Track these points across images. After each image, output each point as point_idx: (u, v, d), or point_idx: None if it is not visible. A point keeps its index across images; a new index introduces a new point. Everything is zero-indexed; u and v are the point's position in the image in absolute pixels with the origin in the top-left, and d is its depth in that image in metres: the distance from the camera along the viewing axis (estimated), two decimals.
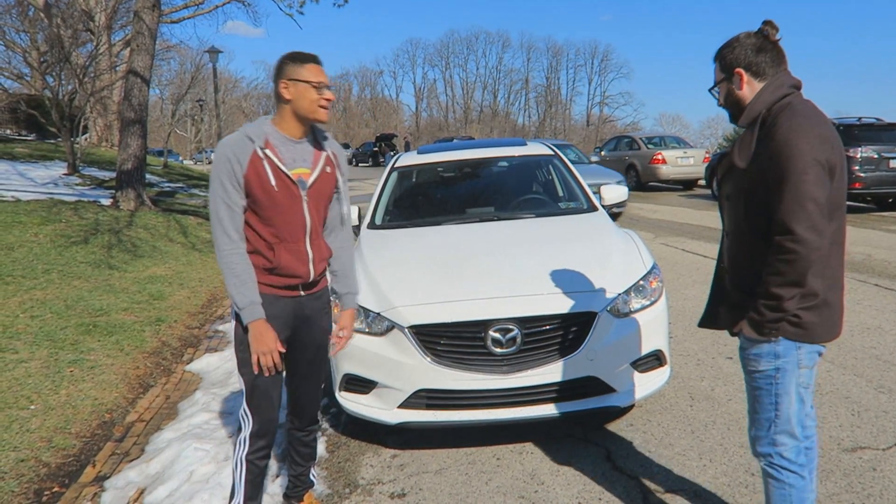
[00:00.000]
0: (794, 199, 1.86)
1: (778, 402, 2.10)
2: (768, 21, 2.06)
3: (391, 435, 3.64)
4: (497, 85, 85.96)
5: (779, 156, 1.89)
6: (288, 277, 2.41)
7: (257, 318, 2.33)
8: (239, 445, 2.50)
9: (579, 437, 3.54)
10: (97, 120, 22.03)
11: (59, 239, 7.95)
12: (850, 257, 7.83)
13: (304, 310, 2.52)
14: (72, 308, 5.75)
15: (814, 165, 1.86)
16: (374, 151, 43.06)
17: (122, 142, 11.09)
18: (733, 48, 2.08)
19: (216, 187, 2.31)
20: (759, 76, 2.06)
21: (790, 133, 1.88)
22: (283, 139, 2.38)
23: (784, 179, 1.87)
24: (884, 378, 4.12)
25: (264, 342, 2.34)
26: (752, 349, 2.10)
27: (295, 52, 2.37)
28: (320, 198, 2.46)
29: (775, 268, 1.92)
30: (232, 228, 2.32)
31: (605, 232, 4.13)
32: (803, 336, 2.04)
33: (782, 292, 1.93)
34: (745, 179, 2.02)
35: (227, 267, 2.33)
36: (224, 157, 2.30)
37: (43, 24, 17.81)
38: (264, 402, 2.46)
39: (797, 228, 1.86)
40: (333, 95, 2.39)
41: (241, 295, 2.32)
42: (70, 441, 3.70)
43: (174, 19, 22.28)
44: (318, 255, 2.49)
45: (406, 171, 5.46)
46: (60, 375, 4.42)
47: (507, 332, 3.17)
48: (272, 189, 2.32)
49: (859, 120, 12.16)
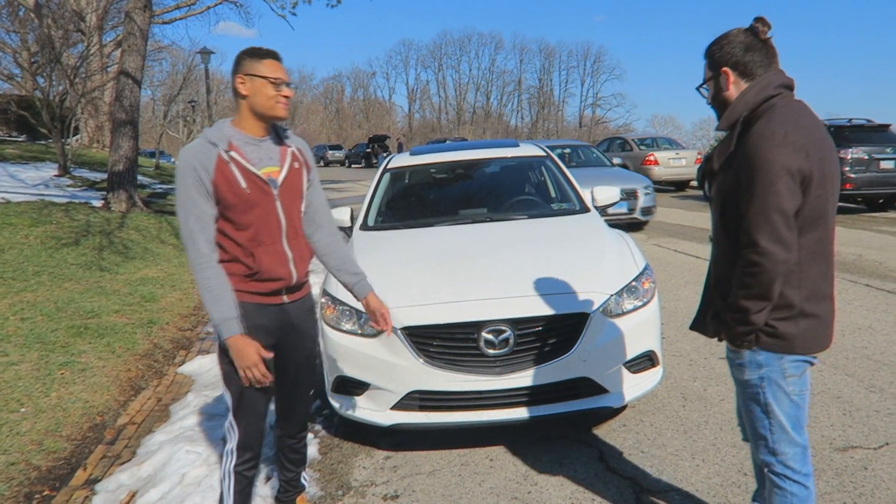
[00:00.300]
0: (760, 210, 1.81)
1: (769, 410, 2.03)
2: (760, 18, 1.98)
3: (384, 436, 3.63)
4: (490, 86, 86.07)
5: (748, 163, 1.83)
6: (270, 282, 2.35)
7: (235, 334, 2.24)
8: (226, 457, 2.45)
9: (572, 438, 3.54)
10: (88, 121, 21.93)
11: (50, 241, 7.90)
12: (841, 258, 7.88)
13: (289, 317, 2.46)
14: (62, 310, 5.71)
15: (783, 175, 1.79)
16: (366, 153, 43.02)
17: (114, 143, 11.04)
18: (722, 45, 2.01)
19: (183, 200, 2.22)
20: (746, 76, 1.98)
21: (761, 139, 1.82)
22: (246, 139, 2.31)
23: (752, 187, 1.82)
24: (875, 377, 4.14)
25: (246, 356, 2.25)
26: (737, 359, 2.06)
27: (253, 47, 2.30)
28: (292, 195, 2.39)
29: (741, 280, 1.89)
30: (203, 241, 2.24)
31: (597, 233, 4.14)
32: (782, 347, 1.97)
33: (749, 305, 1.89)
34: (723, 184, 1.98)
35: (201, 282, 2.24)
36: (189, 167, 2.21)
37: (33, 24, 17.71)
38: (251, 414, 2.41)
39: (761, 240, 1.81)
40: (292, 92, 2.32)
41: (217, 310, 2.23)
42: (61, 444, 3.67)
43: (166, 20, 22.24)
44: (298, 255, 2.43)
45: (399, 173, 5.45)
46: (51, 378, 4.40)
47: (499, 334, 3.17)
48: (243, 191, 2.25)
49: (850, 121, 12.24)
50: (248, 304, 2.32)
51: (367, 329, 3.34)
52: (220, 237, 2.30)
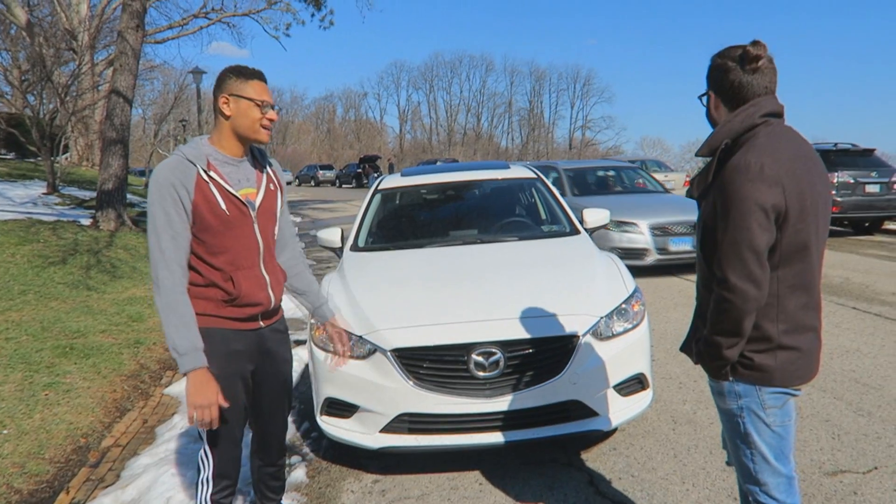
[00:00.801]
0: (732, 245, 1.77)
1: (749, 440, 1.98)
2: (755, 42, 1.89)
3: (373, 460, 3.60)
4: (481, 108, 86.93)
5: (722, 196, 1.79)
6: (248, 307, 2.28)
7: (200, 367, 2.11)
8: (201, 486, 2.36)
9: (562, 461, 3.52)
10: (78, 139, 21.87)
11: (37, 259, 7.83)
12: (828, 280, 7.94)
13: (265, 342, 2.40)
14: (48, 330, 5.65)
15: (755, 211, 1.74)
16: (357, 173, 43.11)
17: (104, 161, 11.01)
18: (715, 65, 1.94)
19: (158, 217, 2.11)
20: (728, 103, 1.92)
21: (735, 173, 1.77)
22: (225, 159, 2.24)
23: (725, 222, 1.78)
24: (863, 401, 4.15)
25: (205, 394, 2.11)
26: (717, 388, 2.02)
27: (239, 65, 2.22)
28: (268, 217, 2.34)
29: (712, 314, 1.86)
30: (175, 262, 2.13)
31: (587, 255, 4.15)
32: (759, 379, 1.91)
33: (720, 340, 1.87)
34: (702, 212, 1.94)
35: (168, 306, 2.10)
36: (167, 184, 2.11)
37: (25, 42, 17.71)
38: (227, 442, 2.34)
39: (731, 277, 1.78)
40: (276, 115, 2.24)
41: (183, 339, 2.09)
42: (43, 466, 3.61)
43: (158, 40, 22.37)
44: (275, 279, 2.37)
45: (390, 194, 5.47)
46: (35, 399, 4.33)
47: (489, 356, 3.16)
48: (223, 213, 2.17)
49: (835, 146, 12.40)
50: (225, 331, 2.26)
51: (357, 351, 3.33)
52: (195, 261, 2.21)
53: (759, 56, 1.86)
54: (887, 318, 6.17)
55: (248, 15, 21.24)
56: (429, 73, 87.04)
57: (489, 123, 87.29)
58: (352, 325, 3.40)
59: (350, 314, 3.47)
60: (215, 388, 2.15)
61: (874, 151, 12.54)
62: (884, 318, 6.14)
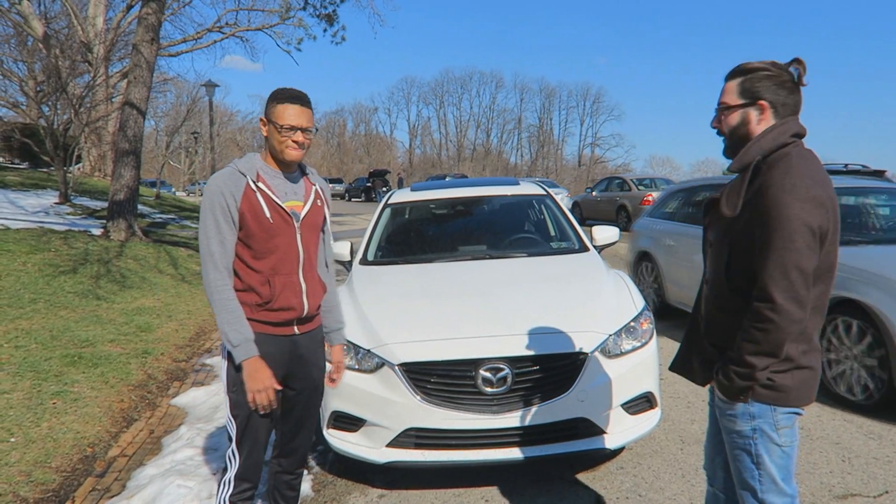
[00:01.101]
0: (779, 266, 1.74)
1: (759, 461, 1.96)
2: (800, 59, 1.88)
3: (379, 474, 3.58)
4: (490, 124, 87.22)
5: (768, 216, 1.75)
6: (282, 311, 2.39)
7: (252, 356, 2.28)
8: (223, 486, 2.44)
9: (569, 479, 3.50)
10: (91, 150, 22.07)
11: (48, 268, 7.89)
12: None
13: (298, 349, 2.49)
14: (57, 339, 5.68)
15: (804, 233, 1.73)
16: (367, 187, 43.27)
17: (116, 172, 11.10)
18: (763, 76, 1.88)
19: (209, 223, 2.30)
20: (778, 117, 1.89)
21: (783, 194, 1.74)
22: (273, 173, 2.40)
23: (770, 242, 1.75)
24: (873, 424, 4.11)
25: (260, 380, 2.28)
26: (728, 409, 1.99)
27: (279, 89, 2.36)
28: (312, 230, 2.47)
29: (751, 335, 1.81)
30: (223, 264, 2.30)
31: (596, 272, 4.15)
32: (777, 399, 1.92)
33: (756, 361, 1.83)
34: (731, 230, 1.90)
35: (220, 303, 2.29)
36: (217, 192, 2.29)
37: (41, 54, 17.95)
38: (254, 445, 2.42)
39: (778, 297, 1.75)
40: (303, 137, 2.33)
41: (236, 332, 2.28)
42: (50, 475, 3.61)
43: (172, 53, 22.60)
44: (312, 289, 2.48)
45: (399, 208, 5.49)
46: (43, 407, 4.35)
47: (497, 372, 3.15)
48: (267, 221, 2.32)
49: (846, 166, 12.37)
50: (259, 334, 2.36)
51: (365, 364, 3.33)
52: (238, 265, 2.36)
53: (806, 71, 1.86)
54: None
55: (262, 30, 21.44)
56: (439, 89, 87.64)
57: (499, 139, 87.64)
58: (360, 339, 3.40)
59: (358, 328, 3.48)
60: (268, 373, 2.31)
61: (885, 173, 12.50)
62: None
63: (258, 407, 2.31)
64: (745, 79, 1.91)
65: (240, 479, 2.42)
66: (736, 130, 1.94)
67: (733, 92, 1.93)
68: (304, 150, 2.37)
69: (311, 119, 2.36)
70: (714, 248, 2.01)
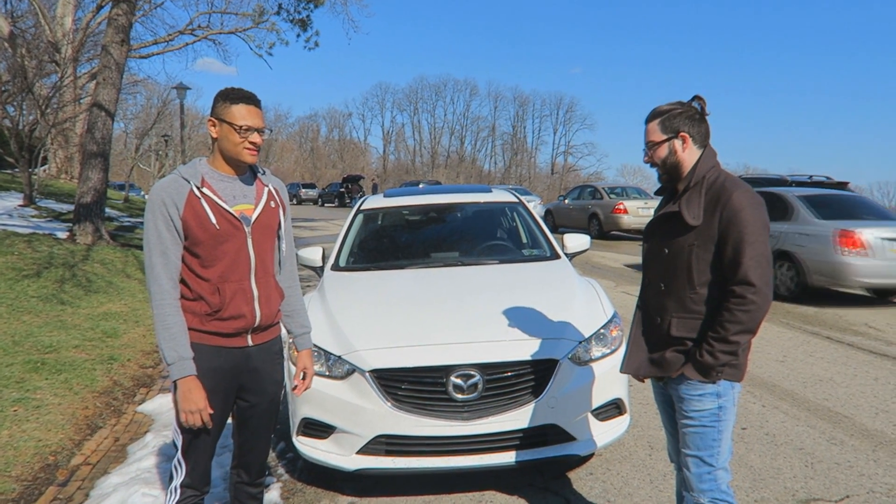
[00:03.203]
0: (754, 258, 2.10)
1: (721, 437, 2.26)
2: (699, 97, 2.29)
3: (349, 481, 3.56)
4: (464, 131, 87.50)
5: (737, 221, 2.12)
6: (233, 320, 2.31)
7: (187, 375, 2.22)
8: (170, 494, 2.41)
9: (539, 485, 3.51)
10: (58, 151, 21.65)
11: (10, 272, 7.70)
12: (802, 310, 8.05)
13: (251, 361, 2.41)
14: (20, 344, 5.54)
15: (766, 230, 2.16)
16: (340, 192, 43.08)
17: (83, 174, 10.91)
18: (676, 113, 2.26)
19: (150, 234, 2.22)
20: (696, 143, 2.27)
21: (746, 201, 2.14)
22: (220, 177, 2.31)
23: (743, 240, 2.11)
24: (836, 430, 4.20)
25: (193, 401, 2.23)
26: (695, 391, 2.25)
27: (228, 89, 2.29)
28: (265, 234, 2.39)
29: (735, 317, 2.11)
30: (165, 277, 2.23)
31: (567, 280, 4.18)
32: (735, 376, 2.24)
33: (739, 339, 2.13)
34: (693, 236, 2.21)
35: (159, 318, 2.22)
36: (159, 202, 2.21)
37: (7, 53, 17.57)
38: (201, 454, 2.38)
39: (757, 281, 2.09)
40: (260, 139, 2.29)
41: (171, 350, 2.21)
42: (9, 485, 3.52)
43: (143, 55, 22.31)
44: (265, 296, 2.39)
45: (372, 214, 5.48)
46: (3, 415, 4.23)
47: (468, 379, 3.16)
48: (213, 227, 2.24)
49: (810, 178, 12.65)
50: (210, 347, 2.30)
51: (335, 371, 3.31)
52: (186, 274, 2.28)
53: (706, 104, 2.31)
54: (860, 348, 6.27)
55: (234, 33, 21.29)
56: (413, 96, 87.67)
57: (472, 147, 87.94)
58: (330, 345, 3.38)
59: (329, 334, 3.46)
60: (202, 394, 2.25)
61: (847, 184, 12.81)
62: (856, 349, 6.24)
63: (192, 427, 2.26)
64: (663, 118, 2.27)
65: (186, 486, 2.39)
66: (667, 160, 2.30)
67: (657, 130, 2.29)
68: (258, 151, 2.32)
69: (263, 119, 2.32)
70: (672, 255, 2.28)
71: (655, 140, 2.29)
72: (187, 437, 2.34)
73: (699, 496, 2.27)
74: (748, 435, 4.15)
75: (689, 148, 2.26)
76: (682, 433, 2.31)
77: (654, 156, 2.31)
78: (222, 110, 2.26)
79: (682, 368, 2.25)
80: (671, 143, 2.27)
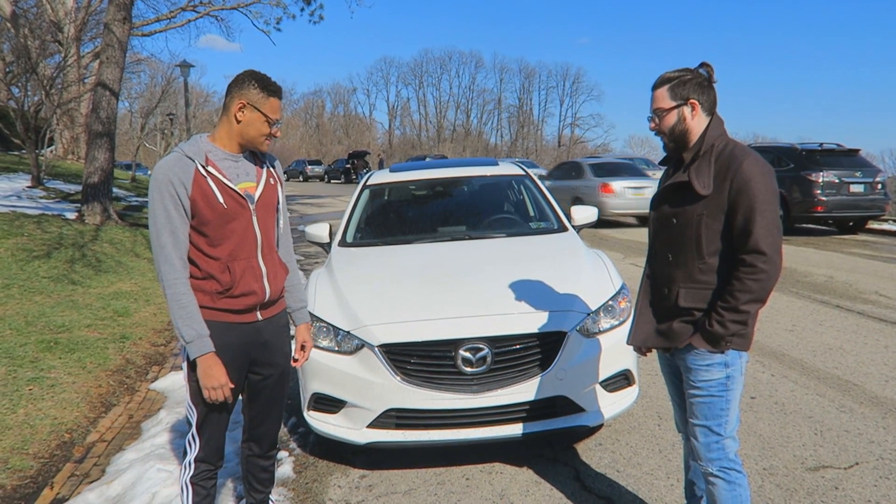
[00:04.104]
0: (765, 226, 2.08)
1: (729, 407, 2.26)
2: (707, 63, 2.25)
3: (360, 455, 3.60)
4: (470, 104, 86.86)
5: (748, 189, 2.09)
6: (244, 297, 2.34)
7: (206, 352, 2.25)
8: (184, 469, 2.45)
9: (548, 456, 3.54)
10: (64, 132, 21.67)
11: (21, 253, 7.76)
12: (812, 279, 8.02)
13: (262, 335, 2.45)
14: (32, 324, 5.60)
15: (776, 198, 2.13)
16: (346, 168, 43.01)
17: (89, 155, 10.92)
18: (686, 80, 2.21)
19: (159, 214, 2.21)
20: (705, 111, 2.23)
21: (756, 170, 2.11)
22: (223, 155, 2.32)
23: (754, 209, 2.09)
24: (845, 398, 4.21)
25: (214, 377, 2.26)
26: (703, 360, 2.24)
27: (264, 78, 2.30)
28: (268, 211, 2.42)
29: (746, 286, 2.10)
30: (175, 256, 2.23)
31: (575, 252, 4.17)
32: (746, 345, 2.23)
33: (750, 308, 2.12)
34: (703, 205, 2.18)
35: (173, 298, 2.22)
36: (166, 181, 2.20)
37: (9, 33, 17.51)
38: (215, 430, 2.43)
39: (768, 250, 2.08)
40: (279, 132, 2.36)
41: (189, 327, 2.23)
42: (27, 462, 3.58)
43: (145, 32, 22.17)
44: (273, 272, 2.43)
45: (378, 189, 5.46)
46: (19, 394, 4.30)
47: (477, 352, 3.17)
48: (220, 206, 2.25)
49: (821, 145, 12.51)
50: (221, 324, 2.32)
51: (344, 346, 3.33)
52: (194, 253, 2.29)
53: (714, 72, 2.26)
54: (870, 316, 6.25)
55: (237, 9, 21.06)
56: (418, 70, 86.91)
57: (478, 120, 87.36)
58: (339, 321, 3.40)
59: (338, 309, 3.47)
60: (222, 370, 2.29)
61: (859, 151, 12.67)
62: (866, 317, 6.22)
63: (215, 402, 2.31)
64: (672, 85, 2.22)
65: (200, 461, 2.43)
66: (675, 128, 2.25)
67: (666, 97, 2.23)
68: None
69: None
70: (680, 225, 2.24)
71: (664, 107, 2.24)
72: (201, 412, 2.37)
73: (707, 465, 2.28)
74: (757, 404, 4.16)
75: (697, 116, 2.22)
76: (690, 403, 2.31)
77: (662, 124, 2.25)
78: (259, 99, 2.26)
79: (691, 338, 2.23)
80: (680, 110, 2.22)
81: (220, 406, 2.36)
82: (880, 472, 3.24)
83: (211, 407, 2.35)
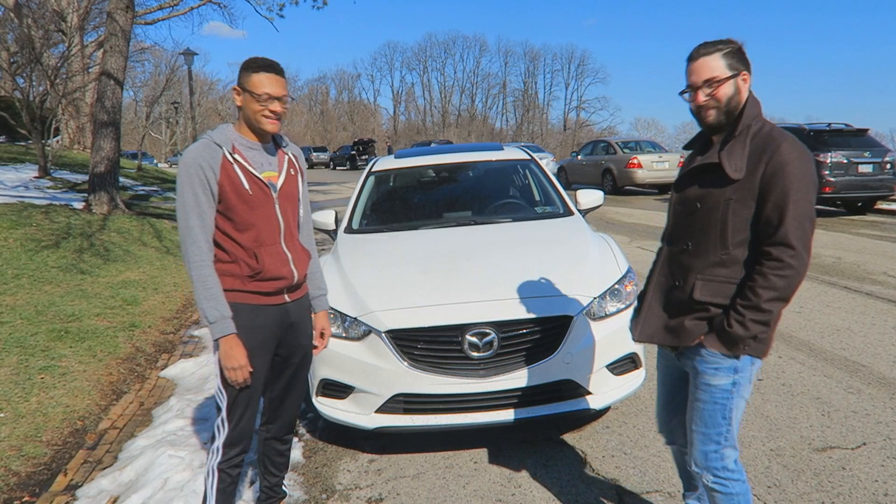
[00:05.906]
0: (797, 219, 1.89)
1: (731, 416, 2.09)
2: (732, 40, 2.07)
3: (368, 440, 3.63)
4: (475, 89, 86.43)
5: (783, 174, 1.91)
6: (273, 281, 2.40)
7: (228, 333, 2.29)
8: (212, 454, 2.48)
9: (556, 440, 3.56)
10: (69, 122, 21.68)
11: (30, 243, 7.80)
12: (820, 260, 7.98)
13: (289, 316, 2.51)
14: (42, 314, 5.65)
15: (814, 187, 1.94)
16: (351, 155, 42.95)
17: (95, 144, 10.93)
18: (735, 49, 2.01)
19: (187, 197, 2.26)
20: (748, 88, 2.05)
21: (795, 154, 1.92)
22: (247, 144, 2.38)
23: (788, 196, 1.90)
24: (853, 379, 4.20)
25: (235, 358, 2.30)
26: (711, 364, 2.06)
27: (253, 58, 2.34)
28: (289, 200, 2.47)
29: (770, 282, 1.91)
30: (203, 239, 2.29)
31: (580, 236, 4.16)
32: (762, 352, 2.05)
33: (773, 307, 1.93)
34: (731, 190, 1.99)
35: (199, 279, 2.28)
36: (195, 165, 2.26)
37: (13, 24, 17.48)
38: (243, 414, 2.45)
39: (797, 245, 1.90)
40: (280, 107, 2.32)
41: (213, 309, 2.28)
42: (41, 449, 3.63)
43: (148, 20, 22.06)
44: (297, 257, 2.49)
45: (383, 176, 5.46)
46: (31, 382, 4.35)
47: (483, 337, 3.18)
48: (246, 192, 2.31)
49: (829, 125, 12.40)
50: (250, 306, 2.37)
51: (352, 332, 3.34)
52: (221, 238, 2.35)
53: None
54: (878, 297, 6.22)
55: None
56: (422, 54, 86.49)
57: (483, 105, 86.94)
58: (346, 307, 3.41)
59: (344, 296, 3.49)
60: (243, 351, 2.32)
61: (868, 131, 12.55)
62: (875, 298, 6.20)
63: (234, 384, 2.34)
64: (724, 53, 2.01)
65: (228, 446, 2.45)
66: (731, 100, 2.02)
67: (721, 66, 2.01)
68: (280, 120, 2.36)
69: (286, 87, 2.36)
70: (705, 211, 2.05)
71: (720, 76, 1.99)
72: (231, 395, 2.41)
73: (705, 474, 2.13)
74: (764, 386, 4.16)
75: (747, 88, 2.02)
76: (691, 407, 2.15)
77: (717, 94, 2.00)
78: (244, 79, 2.31)
79: (704, 339, 2.05)
80: (735, 81, 2.01)
81: (248, 388, 2.40)
82: (888, 453, 3.24)
83: (241, 391, 2.39)
